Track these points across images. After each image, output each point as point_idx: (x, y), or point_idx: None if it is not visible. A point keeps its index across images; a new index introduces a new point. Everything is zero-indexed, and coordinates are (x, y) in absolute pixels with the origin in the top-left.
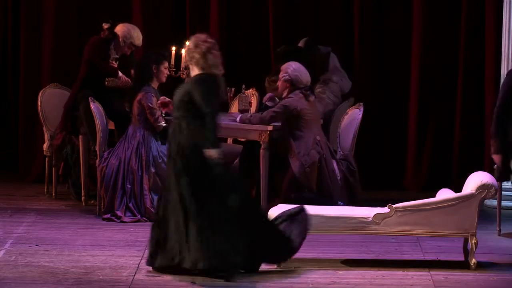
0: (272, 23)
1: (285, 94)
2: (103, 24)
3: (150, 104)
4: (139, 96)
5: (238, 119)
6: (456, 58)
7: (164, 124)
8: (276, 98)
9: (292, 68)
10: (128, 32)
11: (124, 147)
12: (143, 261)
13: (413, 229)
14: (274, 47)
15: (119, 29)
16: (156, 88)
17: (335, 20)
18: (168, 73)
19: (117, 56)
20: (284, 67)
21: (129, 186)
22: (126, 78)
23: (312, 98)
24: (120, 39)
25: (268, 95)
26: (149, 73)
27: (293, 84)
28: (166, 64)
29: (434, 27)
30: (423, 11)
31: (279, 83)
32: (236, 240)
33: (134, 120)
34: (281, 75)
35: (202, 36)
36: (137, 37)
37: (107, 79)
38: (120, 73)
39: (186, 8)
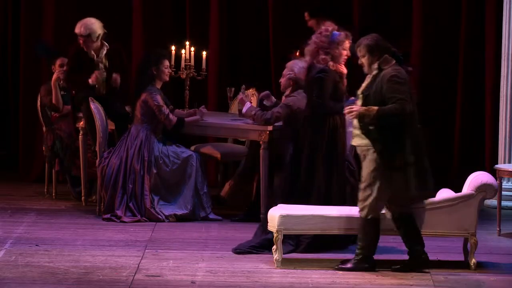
0: (272, 23)
1: (287, 92)
2: None
3: (156, 103)
4: (143, 96)
5: (244, 109)
6: (456, 58)
7: (175, 121)
8: (272, 97)
9: (299, 67)
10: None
11: (126, 146)
12: (143, 261)
13: None
14: (274, 47)
15: None
16: (159, 87)
17: (335, 20)
18: (170, 71)
19: (94, 55)
20: (290, 64)
21: (130, 185)
22: (95, 76)
23: None
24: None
25: (264, 92)
26: (150, 77)
27: (297, 83)
28: (167, 63)
29: (434, 27)
30: (423, 11)
31: (282, 80)
32: None
33: (137, 121)
34: (286, 72)
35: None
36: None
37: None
38: (92, 79)
39: (186, 8)
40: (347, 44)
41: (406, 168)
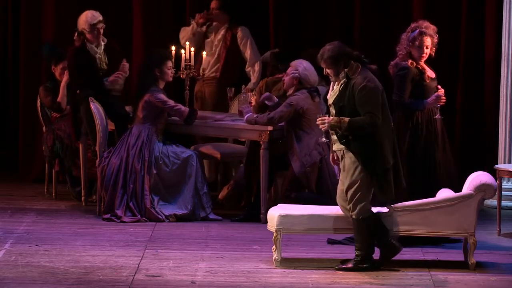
0: (272, 23)
1: (290, 91)
2: (74, 35)
3: (161, 99)
4: (147, 97)
5: (244, 118)
6: (456, 58)
7: (187, 111)
8: (274, 97)
9: (303, 66)
10: (80, 24)
11: (127, 146)
12: (143, 261)
13: (413, 229)
14: (274, 47)
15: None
16: (162, 88)
17: (335, 19)
18: (173, 71)
19: (97, 51)
20: (294, 63)
21: (131, 185)
22: (114, 78)
23: (317, 99)
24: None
25: (265, 94)
26: (153, 78)
27: (301, 82)
28: (169, 64)
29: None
30: (423, 11)
31: (286, 79)
32: None
33: (138, 121)
34: (290, 70)
35: None
36: (84, 21)
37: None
38: (107, 82)
39: (186, 8)
40: (426, 41)
41: (386, 172)
